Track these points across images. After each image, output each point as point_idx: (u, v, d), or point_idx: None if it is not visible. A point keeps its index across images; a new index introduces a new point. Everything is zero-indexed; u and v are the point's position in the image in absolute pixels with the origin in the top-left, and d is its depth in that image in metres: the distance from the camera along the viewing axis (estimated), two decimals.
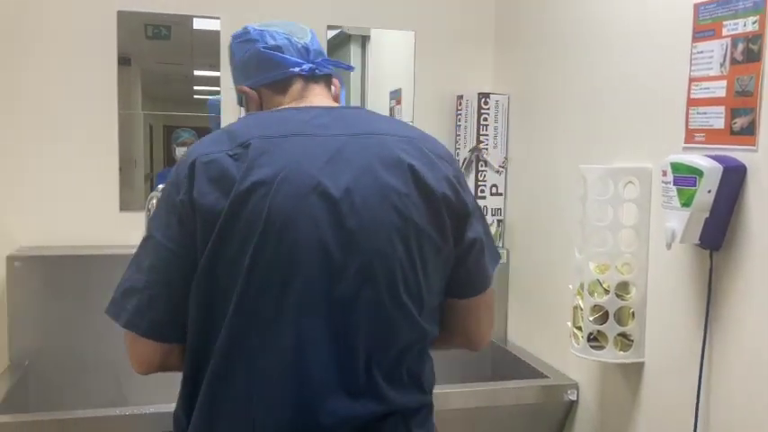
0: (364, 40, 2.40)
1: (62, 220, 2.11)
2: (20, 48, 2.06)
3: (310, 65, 1.23)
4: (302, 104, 1.21)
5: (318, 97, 1.23)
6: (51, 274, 1.98)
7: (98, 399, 1.96)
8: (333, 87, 1.29)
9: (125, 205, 2.18)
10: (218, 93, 2.26)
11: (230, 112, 2.23)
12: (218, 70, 2.25)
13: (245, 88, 1.25)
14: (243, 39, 1.27)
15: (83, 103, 2.13)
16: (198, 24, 2.23)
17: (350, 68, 1.43)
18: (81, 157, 2.14)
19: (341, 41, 2.35)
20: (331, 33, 2.33)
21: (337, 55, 2.35)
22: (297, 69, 1.22)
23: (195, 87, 2.27)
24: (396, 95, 2.44)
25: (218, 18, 2.22)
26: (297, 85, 1.23)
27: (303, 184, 1.06)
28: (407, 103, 2.41)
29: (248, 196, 1.04)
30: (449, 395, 1.84)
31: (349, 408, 1.07)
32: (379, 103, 2.42)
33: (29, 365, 1.97)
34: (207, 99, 2.28)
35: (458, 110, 2.40)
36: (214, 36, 2.24)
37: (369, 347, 1.08)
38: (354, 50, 2.39)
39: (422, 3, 2.38)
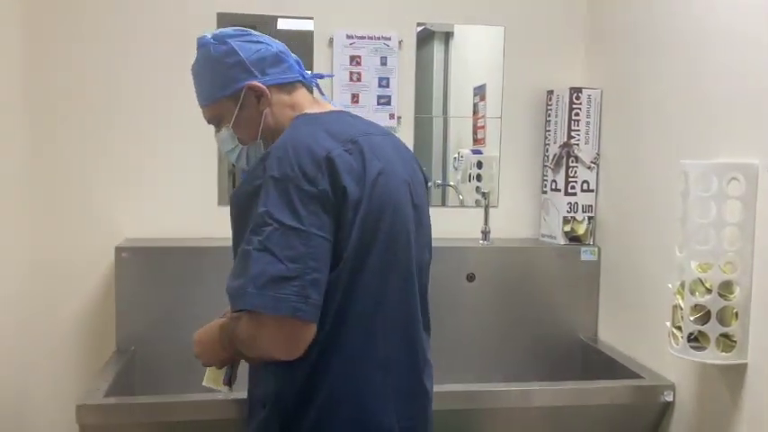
0: (447, 37, 2.40)
1: (165, 214, 2.22)
2: (123, 48, 2.17)
3: (312, 75, 1.38)
4: (326, 108, 1.34)
5: (312, 101, 1.36)
6: (155, 264, 2.09)
7: (199, 383, 2.06)
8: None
9: (222, 200, 2.27)
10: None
11: None
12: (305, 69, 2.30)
13: (259, 84, 1.29)
14: (245, 39, 1.32)
15: (183, 102, 2.21)
16: (282, 25, 2.29)
17: (330, 76, 1.58)
18: (182, 154, 2.23)
19: (424, 38, 2.36)
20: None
21: (420, 51, 2.36)
22: (300, 77, 1.35)
23: None
24: (480, 91, 2.43)
25: (311, 18, 2.28)
26: (300, 90, 1.34)
27: (397, 173, 1.28)
28: (494, 98, 2.40)
29: (375, 185, 1.21)
30: (534, 392, 1.84)
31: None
32: (461, 99, 2.42)
33: (135, 351, 2.09)
34: None
35: (548, 105, 2.37)
36: (298, 36, 2.29)
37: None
38: (437, 47, 2.40)
39: None
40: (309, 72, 1.36)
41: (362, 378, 1.23)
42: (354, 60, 2.29)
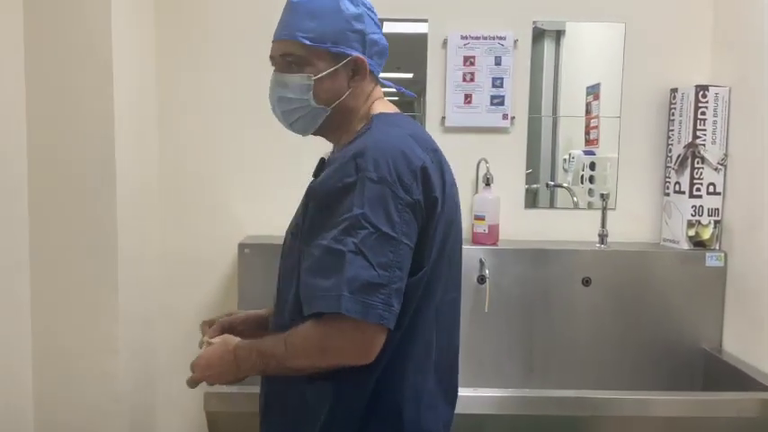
0: (558, 35, 2.35)
1: (284, 213, 2.29)
2: (247, 51, 2.25)
3: (388, 82, 1.38)
4: (394, 109, 1.32)
5: (382, 98, 1.34)
6: (275, 260, 2.16)
7: None
8: None
9: None
10: (400, 94, 2.35)
11: None
12: (409, 72, 2.33)
13: (366, 60, 1.25)
14: (373, 17, 1.29)
15: None
16: (388, 28, 2.29)
17: (412, 96, 1.52)
18: (300, 156, 2.30)
19: (534, 37, 2.32)
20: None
21: (527, 48, 2.32)
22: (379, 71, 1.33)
23: None
24: (593, 90, 2.36)
25: (425, 21, 2.30)
26: (378, 87, 1.33)
27: (456, 185, 1.31)
28: (610, 97, 2.33)
29: (447, 199, 1.22)
30: (653, 402, 1.78)
31: None
32: (573, 99, 2.37)
33: None
34: (389, 100, 2.35)
35: (671, 104, 2.28)
36: (411, 38, 2.31)
37: None
38: (548, 45, 2.35)
39: None
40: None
41: (422, 385, 1.24)
42: (468, 61, 2.29)
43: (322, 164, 1.37)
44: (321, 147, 2.25)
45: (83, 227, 1.87)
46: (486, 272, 2.14)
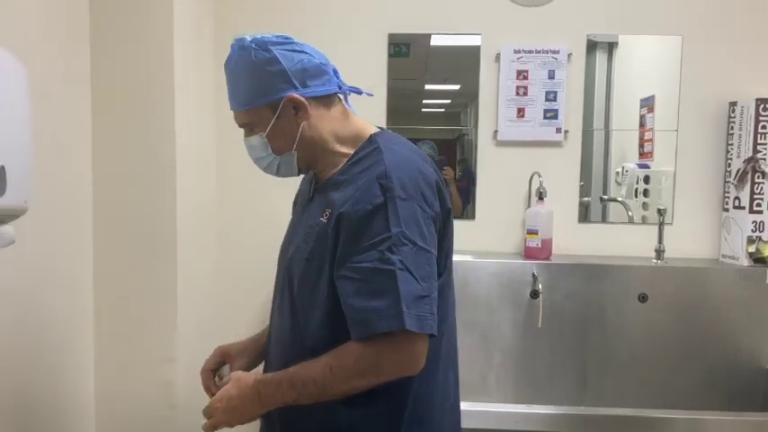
0: (611, 47, 2.33)
1: None
2: None
3: (348, 87, 1.32)
4: (366, 123, 1.33)
5: (357, 117, 1.34)
6: None
7: None
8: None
9: None
10: (447, 105, 2.37)
11: None
12: (455, 84, 2.35)
13: (299, 97, 1.24)
14: (288, 48, 1.26)
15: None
16: (435, 41, 2.32)
17: (369, 95, 1.40)
18: None
19: (587, 49, 2.31)
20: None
21: (581, 62, 2.31)
22: (339, 90, 1.30)
23: (424, 101, 2.37)
24: (648, 103, 2.33)
25: (478, 34, 2.30)
26: (339, 103, 1.31)
27: None
28: (664, 110, 2.30)
29: (447, 208, 1.27)
30: (707, 422, 1.75)
31: None
32: (626, 111, 2.34)
33: None
34: (434, 111, 2.37)
35: (730, 117, 2.23)
36: (451, 51, 2.33)
37: None
38: (600, 58, 2.33)
39: (690, 5, 2.26)
40: (345, 85, 1.33)
41: (444, 386, 1.31)
42: (521, 75, 2.29)
43: (309, 185, 1.37)
44: None
45: (144, 241, 1.93)
46: (540, 287, 2.12)
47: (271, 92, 1.25)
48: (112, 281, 1.94)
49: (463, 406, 1.35)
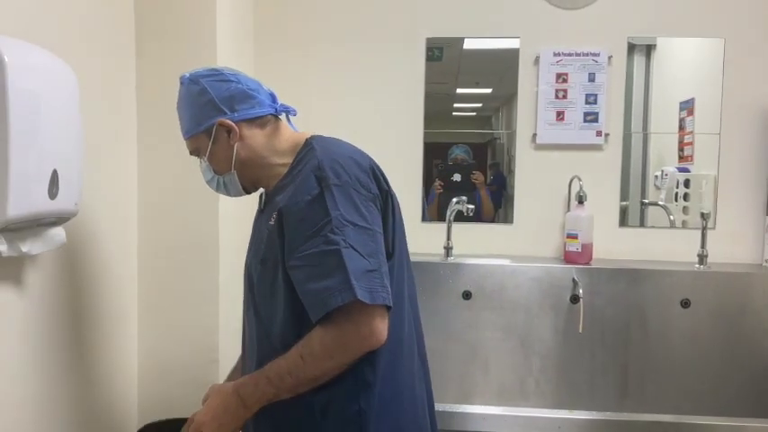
0: (649, 50, 2.30)
1: None
2: (337, 75, 2.33)
3: (281, 107, 1.41)
4: (306, 133, 1.39)
5: (292, 131, 1.42)
6: None
7: None
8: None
9: (425, 217, 2.36)
10: (478, 109, 2.36)
11: None
12: (487, 87, 2.35)
13: (228, 121, 1.34)
14: (217, 78, 1.36)
15: (389, 126, 2.33)
16: (468, 44, 2.32)
17: (294, 113, 1.46)
18: (390, 175, 2.33)
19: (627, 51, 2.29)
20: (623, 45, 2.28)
21: (621, 64, 2.30)
22: (272, 110, 1.39)
23: (455, 105, 2.37)
24: (687, 106, 2.30)
25: (517, 37, 2.30)
26: (272, 122, 1.39)
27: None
28: (707, 113, 2.27)
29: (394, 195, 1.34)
30: (750, 430, 1.72)
31: None
32: (664, 114, 2.32)
33: None
34: (465, 116, 2.37)
35: None
36: (484, 54, 2.33)
37: None
38: (638, 60, 2.31)
39: (733, 7, 2.24)
40: (280, 104, 1.42)
41: (407, 364, 1.34)
42: (561, 78, 2.27)
43: (263, 197, 1.45)
44: (411, 167, 2.29)
45: (188, 243, 1.95)
46: (580, 291, 2.11)
47: (204, 119, 1.36)
48: (156, 283, 1.96)
49: (503, 411, 1.34)
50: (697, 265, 2.17)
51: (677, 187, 2.32)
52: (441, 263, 2.19)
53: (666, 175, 2.33)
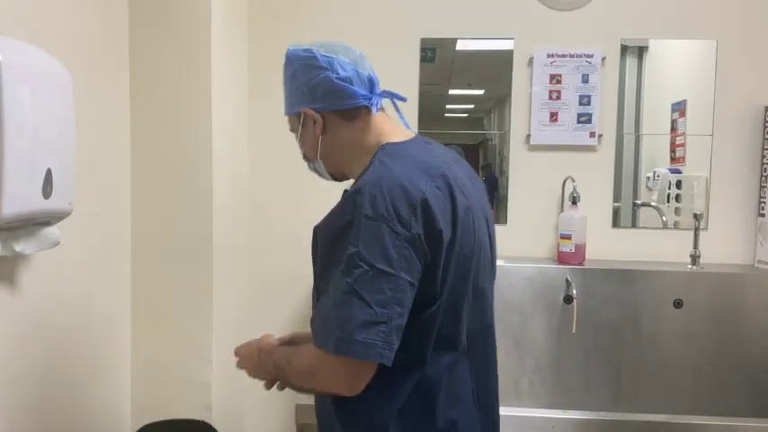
0: (641, 51, 2.31)
1: None
2: None
3: (377, 97, 1.28)
4: (403, 132, 1.28)
5: (388, 125, 1.29)
6: None
7: None
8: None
9: None
10: (470, 110, 2.37)
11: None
12: (479, 89, 2.35)
13: (312, 111, 1.27)
14: (309, 63, 1.27)
15: None
16: (461, 46, 2.32)
17: (403, 99, 1.36)
18: None
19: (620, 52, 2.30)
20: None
21: (614, 66, 2.30)
22: (366, 102, 1.26)
23: (448, 106, 2.37)
24: (679, 107, 2.32)
25: (512, 39, 2.30)
26: (365, 115, 1.27)
27: (476, 208, 1.23)
28: (699, 115, 2.28)
29: (464, 224, 1.18)
30: (742, 429, 1.74)
31: None
32: (656, 116, 2.32)
33: None
34: (457, 117, 2.37)
35: (766, 122, 2.21)
36: (477, 56, 2.33)
37: None
38: (630, 62, 2.32)
39: (725, 9, 2.25)
40: (380, 92, 1.30)
41: (459, 416, 1.22)
42: (554, 79, 2.28)
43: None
44: None
45: (181, 244, 1.95)
46: (573, 292, 2.11)
47: (294, 104, 1.30)
48: (150, 283, 1.96)
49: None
50: (689, 266, 2.18)
51: (669, 188, 2.33)
52: None
53: (658, 176, 2.34)
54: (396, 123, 1.31)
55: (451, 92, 2.36)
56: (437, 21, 2.30)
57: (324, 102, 1.26)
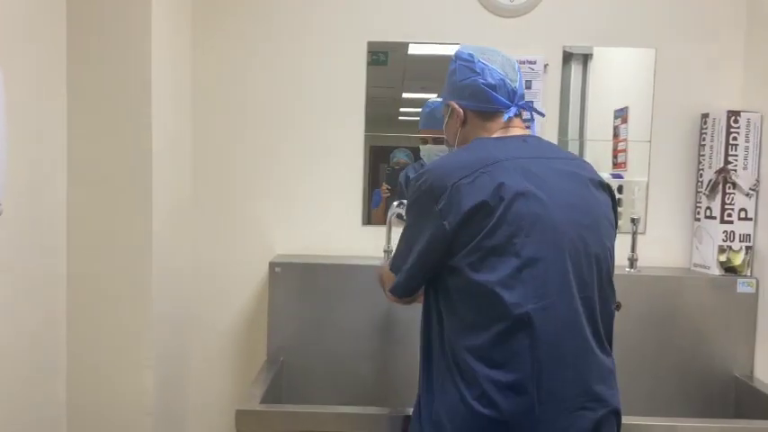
0: (586, 59, 2.36)
1: (314, 233, 2.33)
2: (279, 74, 2.31)
3: (515, 108, 1.53)
4: (510, 133, 1.53)
5: (517, 129, 1.54)
6: (305, 279, 2.19)
7: (342, 395, 2.15)
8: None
9: (366, 220, 2.35)
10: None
11: None
12: (432, 92, 2.36)
13: (456, 105, 1.55)
14: (468, 65, 1.54)
15: (332, 127, 2.33)
16: (413, 50, 2.34)
17: (541, 115, 1.70)
18: (330, 177, 2.34)
19: (562, 59, 2.34)
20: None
21: (557, 72, 2.35)
22: (503, 108, 1.52)
23: (401, 109, 2.38)
24: (621, 114, 2.37)
25: (456, 44, 2.31)
26: (500, 119, 1.52)
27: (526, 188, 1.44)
28: (639, 121, 2.33)
29: (511, 202, 1.38)
30: (681, 429, 1.77)
31: None
32: (600, 122, 2.36)
33: (283, 361, 2.19)
34: (411, 120, 2.38)
35: (702, 129, 2.28)
36: (429, 60, 2.35)
37: None
38: (575, 69, 2.36)
39: (664, 18, 2.31)
40: (520, 103, 1.54)
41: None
42: None
43: None
44: (352, 170, 2.30)
45: (119, 241, 1.91)
46: None
47: (447, 95, 1.59)
48: (86, 284, 1.92)
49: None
50: (627, 269, 2.23)
51: None
52: (380, 266, 2.19)
53: None
54: (518, 125, 1.54)
55: (405, 95, 2.38)
56: (384, 24, 2.31)
57: (469, 101, 1.53)
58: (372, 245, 2.27)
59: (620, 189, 2.36)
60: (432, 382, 1.44)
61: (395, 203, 2.21)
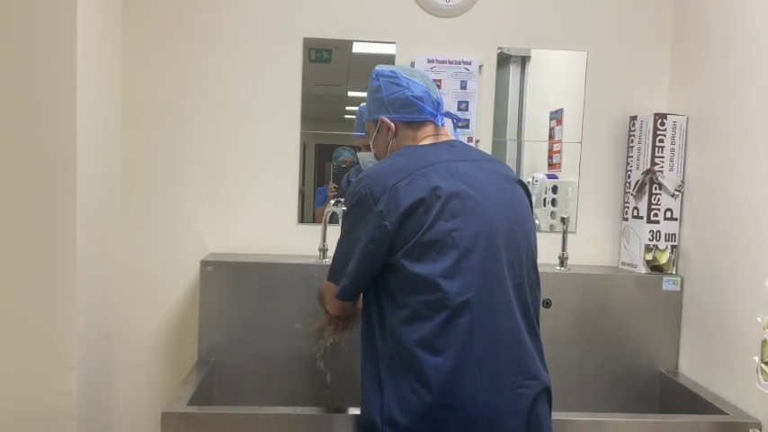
0: (524, 61, 2.40)
1: (247, 231, 2.30)
2: (212, 70, 2.27)
3: (441, 116, 1.66)
4: (440, 140, 1.63)
5: (444, 137, 1.65)
6: (237, 278, 2.15)
7: (275, 396, 2.12)
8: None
9: (301, 218, 2.33)
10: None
11: None
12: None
13: (386, 119, 1.63)
14: (392, 81, 1.64)
15: (266, 124, 2.30)
16: (357, 48, 2.34)
17: (458, 119, 1.88)
18: (264, 175, 2.31)
19: (500, 62, 2.37)
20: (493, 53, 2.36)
21: (491, 73, 2.37)
22: (431, 118, 1.64)
23: (347, 107, 2.38)
24: (557, 115, 2.41)
25: (393, 43, 2.33)
26: (428, 127, 1.64)
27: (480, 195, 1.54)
28: (572, 123, 2.38)
29: (447, 200, 1.48)
30: (607, 424, 1.80)
31: None
32: (537, 123, 2.41)
33: (215, 361, 2.15)
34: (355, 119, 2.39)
35: (630, 131, 2.34)
36: (378, 59, 2.32)
37: None
38: (513, 70, 2.40)
39: (595, 23, 2.36)
40: (443, 113, 1.67)
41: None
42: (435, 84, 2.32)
43: None
44: (286, 168, 2.27)
45: (40, 242, 1.84)
46: None
47: (374, 112, 1.66)
48: (5, 286, 1.84)
49: None
50: (558, 267, 2.27)
51: (545, 193, 2.42)
52: (315, 264, 2.18)
53: (537, 181, 2.42)
54: (444, 133, 1.66)
55: (351, 93, 2.37)
56: (321, 21, 2.29)
57: (399, 113, 1.62)
58: (308, 244, 2.25)
59: (554, 189, 2.41)
60: (379, 379, 1.46)
61: (331, 201, 2.20)
